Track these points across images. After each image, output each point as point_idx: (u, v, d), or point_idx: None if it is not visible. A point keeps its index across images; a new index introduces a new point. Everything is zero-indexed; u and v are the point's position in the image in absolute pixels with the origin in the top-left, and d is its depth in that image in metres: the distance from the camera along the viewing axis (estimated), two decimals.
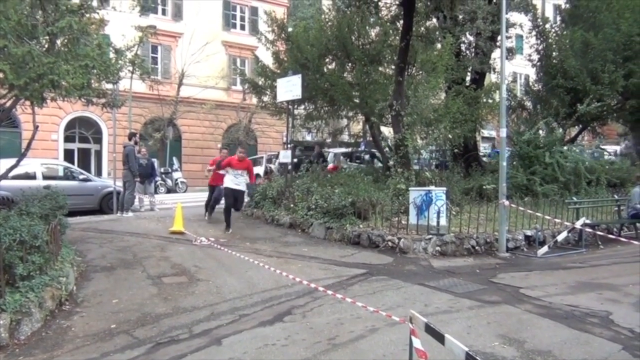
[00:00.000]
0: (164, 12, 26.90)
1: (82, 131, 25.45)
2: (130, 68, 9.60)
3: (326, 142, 21.07)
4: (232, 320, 5.29)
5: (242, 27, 29.37)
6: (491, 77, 18.77)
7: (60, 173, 13.96)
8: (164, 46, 26.56)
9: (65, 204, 7.78)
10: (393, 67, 14.16)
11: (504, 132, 9.19)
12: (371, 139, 17.36)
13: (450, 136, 13.09)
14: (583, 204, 10.30)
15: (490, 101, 15.76)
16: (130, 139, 13.31)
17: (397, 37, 13.49)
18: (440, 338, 3.44)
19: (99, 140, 25.76)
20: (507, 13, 11.87)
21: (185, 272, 7.29)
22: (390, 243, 8.78)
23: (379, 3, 13.60)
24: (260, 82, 16.98)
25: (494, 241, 8.85)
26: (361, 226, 9.52)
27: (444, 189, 9.48)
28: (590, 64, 14.82)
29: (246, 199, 11.93)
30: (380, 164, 16.66)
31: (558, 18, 18.96)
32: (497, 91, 14.02)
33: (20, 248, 5.09)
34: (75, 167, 15.67)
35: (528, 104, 18.02)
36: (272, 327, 5.07)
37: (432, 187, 9.58)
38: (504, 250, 8.66)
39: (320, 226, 10.17)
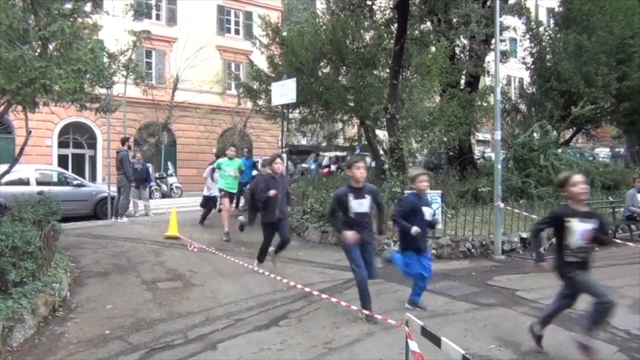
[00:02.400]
0: (158, 17, 26.87)
1: (76, 137, 25.36)
2: (124, 72, 9.58)
3: (321, 145, 21.06)
4: (227, 324, 5.25)
5: (237, 32, 29.37)
6: (485, 80, 18.84)
7: (54, 178, 13.90)
8: (158, 51, 26.53)
9: (58, 209, 7.70)
10: (388, 70, 14.18)
11: (498, 135, 9.21)
12: (366, 142, 17.36)
13: (445, 139, 13.09)
14: None
15: (484, 104, 15.80)
16: (123, 144, 13.26)
17: (392, 41, 13.52)
18: (436, 341, 3.42)
19: (93, 146, 25.67)
20: (501, 16, 11.92)
21: (180, 277, 7.25)
22: (385, 246, 8.75)
23: (373, 7, 13.63)
24: (254, 87, 16.97)
25: (490, 244, 8.85)
26: None
27: (439, 192, 9.47)
28: (584, 66, 14.88)
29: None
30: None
31: (551, 21, 19.08)
32: (492, 94, 14.07)
33: (13, 254, 5.04)
34: (69, 173, 15.61)
35: (522, 106, 18.08)
36: (267, 332, 5.04)
37: (427, 190, 9.55)
38: (499, 252, 8.65)
39: (315, 230, 10.15)
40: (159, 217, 13.44)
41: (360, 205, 5.38)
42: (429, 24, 15.24)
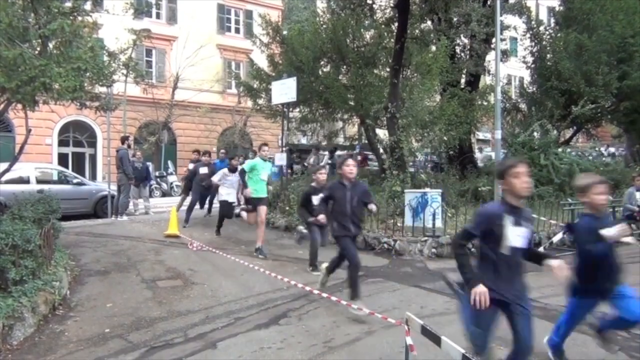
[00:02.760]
0: (158, 16, 26.84)
1: (76, 135, 25.35)
2: (124, 71, 9.56)
3: (321, 144, 21.00)
4: (227, 323, 5.24)
5: (237, 31, 29.35)
6: (486, 80, 18.83)
7: (55, 177, 13.90)
8: (159, 50, 26.51)
9: (58, 207, 7.70)
10: (388, 69, 14.17)
11: (498, 134, 9.21)
12: (366, 141, 17.35)
13: (445, 138, 13.09)
14: (578, 205, 10.29)
15: (485, 103, 15.79)
16: (123, 143, 13.27)
17: (392, 40, 13.52)
18: (436, 340, 3.42)
19: (93, 144, 25.67)
20: (501, 15, 11.90)
21: (180, 275, 7.25)
22: (386, 245, 8.76)
23: (374, 5, 13.62)
24: (255, 85, 16.96)
25: None
26: None
27: (440, 190, 9.48)
28: (585, 65, 14.86)
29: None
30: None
31: (552, 20, 19.05)
32: (492, 93, 14.07)
33: (13, 252, 5.03)
34: (69, 171, 15.60)
35: (523, 106, 18.06)
36: (267, 330, 5.04)
37: (427, 189, 9.57)
38: None
39: None
40: (159, 215, 13.44)
41: (519, 235, 3.32)
42: (429, 23, 15.23)
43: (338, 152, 19.22)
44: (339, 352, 4.48)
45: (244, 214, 9.84)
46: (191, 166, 12.76)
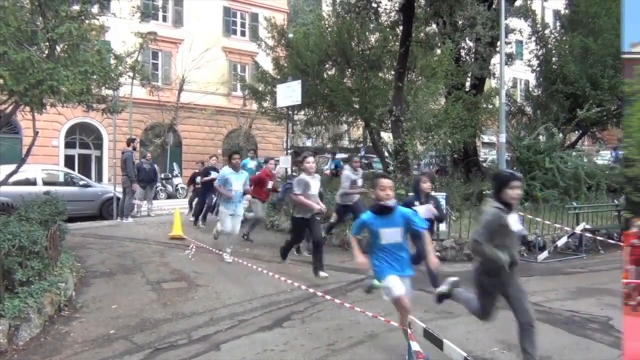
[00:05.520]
0: (164, 19, 26.96)
1: (82, 137, 25.47)
2: (131, 74, 9.63)
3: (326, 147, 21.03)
4: (231, 325, 5.27)
5: (243, 34, 29.42)
6: (491, 83, 18.81)
7: (61, 179, 13.98)
8: (165, 52, 26.61)
9: (64, 209, 7.77)
10: (393, 72, 14.18)
11: (503, 138, 9.21)
12: (371, 144, 17.36)
13: (450, 141, 13.09)
14: (583, 209, 10.27)
15: (490, 106, 15.78)
16: (128, 145, 13.34)
17: (397, 43, 13.53)
18: (438, 343, 3.44)
19: (99, 146, 25.77)
20: (506, 19, 11.92)
21: (185, 277, 7.28)
22: None
23: (379, 9, 13.64)
24: (260, 88, 17.03)
25: None
26: None
27: (444, 194, 9.47)
28: (590, 69, 14.83)
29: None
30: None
31: (557, 23, 18.99)
32: (497, 96, 14.04)
33: (20, 254, 5.09)
34: (75, 173, 15.69)
35: (528, 109, 18.02)
36: (271, 333, 5.06)
37: (431, 193, 9.55)
38: None
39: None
40: (164, 217, 13.49)
41: None
42: (434, 26, 15.23)
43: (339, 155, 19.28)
44: (342, 355, 4.50)
45: None
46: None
